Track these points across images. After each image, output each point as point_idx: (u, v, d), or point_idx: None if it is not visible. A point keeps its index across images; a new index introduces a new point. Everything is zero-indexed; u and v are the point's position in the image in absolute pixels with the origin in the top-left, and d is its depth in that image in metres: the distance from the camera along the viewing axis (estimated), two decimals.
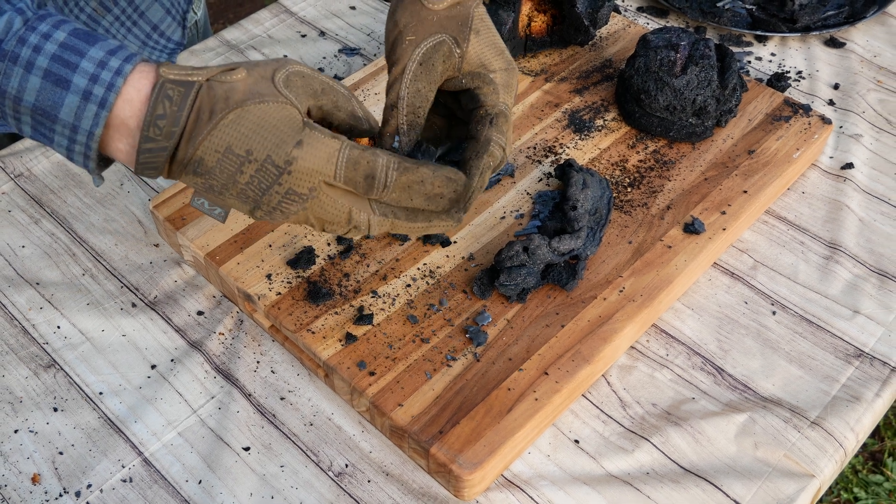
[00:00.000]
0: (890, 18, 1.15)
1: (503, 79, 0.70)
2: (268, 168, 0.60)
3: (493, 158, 0.68)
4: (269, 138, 0.60)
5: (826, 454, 0.72)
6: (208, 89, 0.61)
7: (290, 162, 0.60)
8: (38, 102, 0.60)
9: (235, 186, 0.61)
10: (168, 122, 0.60)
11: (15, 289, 0.85)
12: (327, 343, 0.75)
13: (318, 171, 0.61)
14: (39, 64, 0.59)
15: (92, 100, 0.59)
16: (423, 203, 0.64)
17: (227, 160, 0.60)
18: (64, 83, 0.59)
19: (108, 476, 0.72)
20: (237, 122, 0.60)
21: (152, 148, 0.60)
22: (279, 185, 0.61)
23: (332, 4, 1.18)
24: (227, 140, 0.60)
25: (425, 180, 0.63)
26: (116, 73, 0.60)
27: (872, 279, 0.85)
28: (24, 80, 0.59)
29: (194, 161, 0.61)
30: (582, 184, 0.83)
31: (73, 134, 0.61)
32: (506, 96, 0.70)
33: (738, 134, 0.93)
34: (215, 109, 0.60)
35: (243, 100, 0.60)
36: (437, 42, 0.68)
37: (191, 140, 0.60)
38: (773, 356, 0.79)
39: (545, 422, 0.73)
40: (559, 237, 0.78)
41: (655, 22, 1.14)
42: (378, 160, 0.62)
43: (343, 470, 0.72)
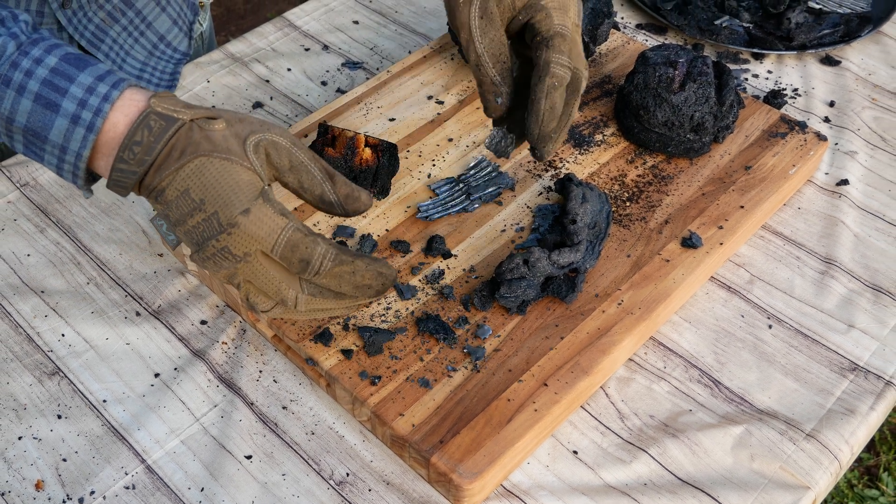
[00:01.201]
0: (884, 37, 1.17)
1: (556, 2, 0.72)
2: (212, 222, 0.64)
3: (557, 78, 0.70)
4: (222, 196, 0.64)
5: (821, 466, 0.73)
6: (188, 130, 0.64)
7: (232, 224, 0.64)
8: (29, 124, 0.63)
9: (185, 225, 0.65)
10: (142, 150, 0.63)
11: (20, 297, 0.85)
12: (329, 353, 0.76)
13: (257, 241, 0.64)
14: (31, 88, 0.62)
15: (80, 123, 0.63)
16: (351, 291, 0.68)
17: (183, 201, 0.64)
18: (54, 107, 0.62)
19: (111, 483, 0.73)
20: (200, 170, 0.64)
21: (124, 169, 0.64)
22: (217, 240, 0.64)
23: (336, 19, 1.20)
24: (187, 183, 0.64)
25: (356, 272, 0.67)
26: (104, 99, 0.63)
27: (867, 294, 0.86)
28: (16, 103, 0.62)
29: (158, 190, 0.65)
30: (581, 198, 0.84)
31: (63, 154, 0.64)
32: (562, 18, 0.72)
33: (735, 150, 0.95)
34: (186, 151, 0.64)
35: (211, 150, 0.64)
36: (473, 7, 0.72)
37: (158, 172, 0.64)
38: (769, 369, 0.80)
39: (544, 432, 0.74)
40: (559, 250, 0.79)
41: (654, 39, 1.16)
42: (317, 249, 0.65)
43: (344, 479, 0.73)
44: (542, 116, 0.71)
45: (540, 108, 0.71)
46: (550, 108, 0.71)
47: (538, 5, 0.73)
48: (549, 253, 0.79)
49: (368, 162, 0.85)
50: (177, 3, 1.05)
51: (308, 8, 1.21)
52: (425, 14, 1.21)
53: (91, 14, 0.96)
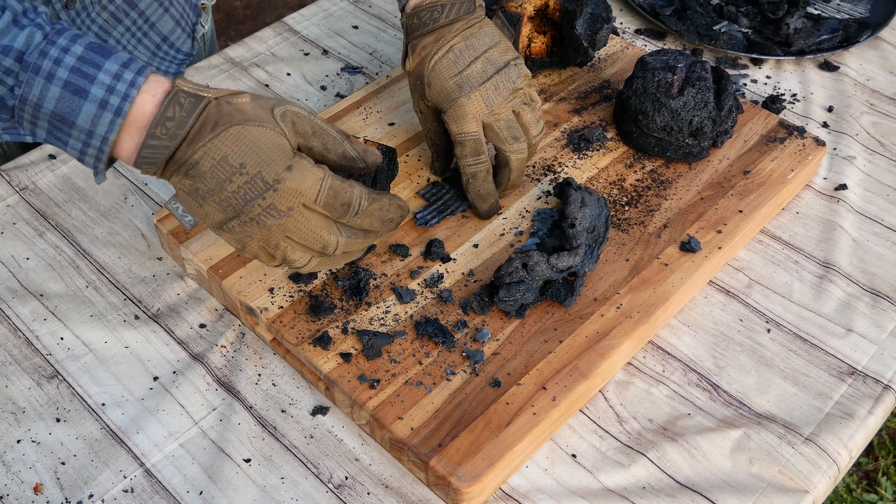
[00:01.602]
0: (882, 43, 1.17)
1: (449, 115, 0.84)
2: (256, 182, 0.67)
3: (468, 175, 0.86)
4: (263, 157, 0.67)
5: (820, 470, 0.73)
6: (216, 105, 0.67)
7: (278, 181, 0.67)
8: (56, 110, 0.65)
9: (221, 193, 0.67)
10: (175, 125, 0.66)
11: (19, 300, 0.86)
12: (328, 356, 0.76)
13: (301, 193, 0.67)
14: (59, 75, 0.64)
15: (108, 108, 0.65)
16: (379, 226, 0.73)
17: (221, 168, 0.67)
18: (82, 93, 0.65)
19: (109, 486, 0.72)
20: (237, 137, 0.67)
21: (156, 145, 0.66)
22: (262, 199, 0.67)
23: (335, 23, 1.20)
24: (225, 150, 0.66)
25: (383, 207, 0.72)
26: (131, 85, 0.65)
27: (865, 298, 0.86)
28: (44, 90, 0.64)
29: (189, 163, 0.67)
30: (580, 202, 0.84)
31: (88, 139, 0.66)
32: (457, 127, 0.84)
33: (734, 154, 0.95)
34: (219, 122, 0.67)
35: (246, 119, 0.67)
36: (416, 98, 0.87)
37: (191, 144, 0.66)
38: (768, 373, 0.80)
39: (543, 436, 0.74)
40: (557, 254, 0.79)
41: (653, 44, 1.16)
42: (354, 191, 0.70)
43: (343, 482, 0.73)
44: (473, 203, 0.87)
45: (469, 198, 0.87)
46: (476, 196, 0.87)
47: (443, 119, 0.85)
48: (548, 257, 0.79)
49: None
50: (179, 5, 1.06)
51: (307, 13, 1.22)
52: None
53: (94, 15, 0.97)
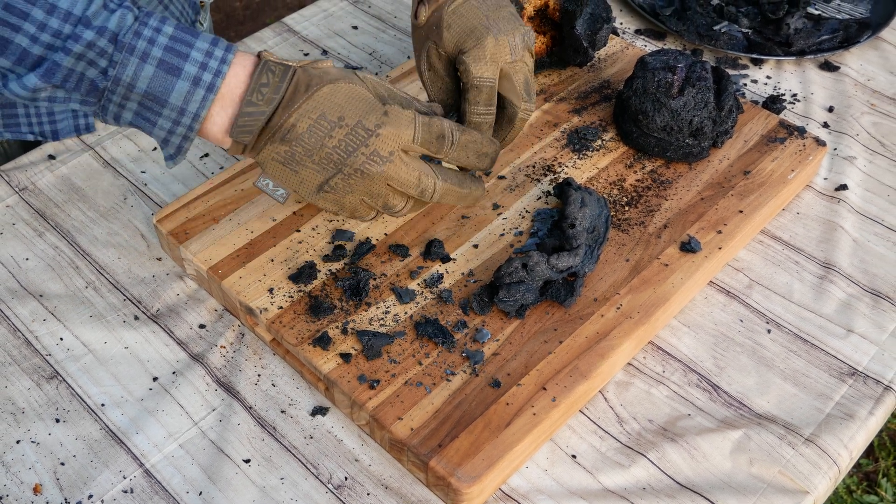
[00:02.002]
0: (883, 43, 1.17)
1: (473, 55, 0.80)
2: (358, 132, 0.70)
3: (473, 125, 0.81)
4: (361, 107, 0.71)
5: (820, 471, 0.73)
6: (304, 71, 0.71)
7: (379, 125, 0.70)
8: (149, 89, 0.67)
9: (321, 151, 0.70)
10: (270, 90, 0.69)
11: (18, 301, 0.85)
12: (328, 357, 0.76)
13: (400, 136, 0.71)
14: (154, 54, 0.66)
15: (201, 85, 0.68)
16: (475, 161, 0.76)
17: (319, 126, 0.70)
18: (176, 71, 0.67)
19: (109, 487, 0.72)
20: (331, 94, 0.70)
21: (252, 112, 0.69)
22: (366, 146, 0.70)
23: (335, 24, 1.20)
24: (322, 108, 0.70)
25: (477, 140, 0.76)
26: (222, 62, 0.68)
27: (866, 299, 0.86)
28: (139, 69, 0.66)
29: (286, 128, 0.70)
30: (580, 202, 0.84)
31: (179, 116, 0.68)
32: (481, 69, 0.80)
33: (734, 155, 0.95)
34: (311, 84, 0.70)
35: (336, 79, 0.71)
36: (427, 49, 0.83)
37: (287, 108, 0.69)
38: (768, 374, 0.80)
39: (543, 437, 0.74)
40: (557, 254, 0.79)
41: (653, 44, 1.16)
42: (444, 123, 0.74)
43: (342, 483, 0.73)
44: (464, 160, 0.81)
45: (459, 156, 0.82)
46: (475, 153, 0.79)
47: (460, 59, 0.81)
48: (548, 257, 0.79)
49: None
50: (179, 2, 1.06)
51: (307, 13, 1.22)
52: None
53: None
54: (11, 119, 0.97)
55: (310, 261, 0.83)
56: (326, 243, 0.85)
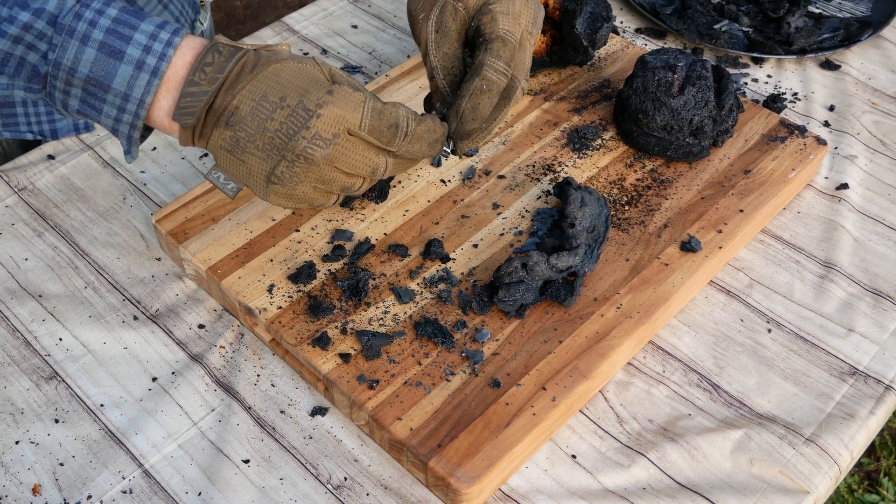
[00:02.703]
0: (884, 42, 1.17)
1: (503, 6, 0.74)
2: (298, 112, 0.65)
3: (486, 81, 0.72)
4: (303, 86, 0.65)
5: (821, 471, 0.73)
6: (255, 53, 0.67)
7: (320, 105, 0.65)
8: (91, 73, 0.64)
9: (264, 135, 0.65)
10: (214, 69, 0.65)
11: (18, 301, 0.85)
12: (327, 357, 0.76)
13: (345, 117, 0.65)
14: (95, 37, 0.63)
15: (144, 69, 0.64)
16: (427, 149, 0.70)
17: (261, 108, 0.65)
18: (118, 54, 0.64)
19: (108, 487, 0.72)
20: (276, 74, 0.65)
21: (194, 92, 0.65)
22: (307, 128, 0.64)
23: (334, 23, 1.20)
24: (264, 89, 0.65)
25: (430, 128, 0.69)
26: (167, 45, 0.65)
27: (867, 298, 0.86)
28: (79, 53, 0.63)
29: (229, 110, 0.65)
30: (580, 202, 0.84)
31: (124, 103, 0.65)
32: (509, 24, 0.73)
33: (735, 154, 0.95)
34: (258, 64, 0.66)
35: (284, 59, 0.67)
36: (441, 7, 0.75)
37: (231, 88, 0.65)
38: (769, 373, 0.80)
39: (543, 437, 0.74)
40: (557, 254, 0.79)
41: (653, 43, 1.16)
42: (399, 111, 0.67)
43: (342, 483, 0.73)
44: (460, 113, 0.72)
45: (460, 105, 0.72)
46: (472, 107, 0.72)
47: (486, 8, 0.74)
48: (548, 257, 0.78)
49: None
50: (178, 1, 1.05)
51: (307, 12, 1.21)
52: None
53: None
54: (10, 118, 0.97)
55: (309, 261, 0.83)
56: (326, 243, 0.85)
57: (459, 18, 0.75)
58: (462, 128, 0.73)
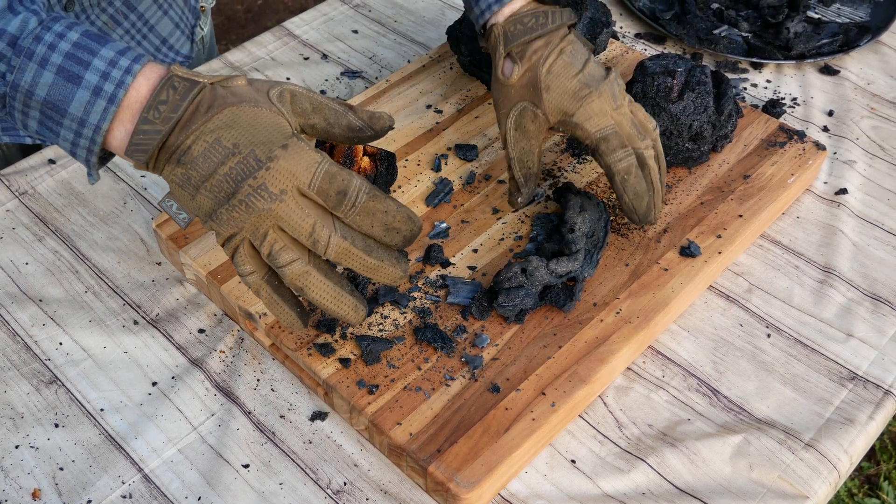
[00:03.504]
0: (883, 47, 1.17)
1: (583, 115, 0.80)
2: (248, 161, 0.63)
3: (621, 174, 0.81)
4: (258, 136, 0.64)
5: (820, 476, 0.73)
6: (211, 89, 0.65)
7: (271, 159, 0.63)
8: (48, 97, 0.63)
9: (214, 177, 0.64)
10: (168, 108, 0.64)
11: (18, 305, 0.85)
12: (327, 362, 0.76)
13: (296, 175, 0.63)
14: (53, 61, 0.63)
15: (102, 95, 0.63)
16: (381, 232, 0.66)
17: (214, 151, 0.64)
18: (76, 79, 0.63)
19: (108, 492, 0.72)
20: (231, 118, 0.64)
21: (148, 130, 0.64)
22: (254, 178, 0.63)
23: (335, 28, 1.20)
24: (218, 133, 0.64)
25: (388, 211, 0.65)
26: (126, 72, 0.64)
27: (866, 303, 0.86)
28: (37, 76, 0.63)
29: (182, 149, 0.64)
30: (579, 207, 0.84)
31: (80, 128, 0.64)
32: (595, 124, 0.80)
33: (734, 159, 0.95)
34: (213, 105, 0.64)
35: (240, 101, 0.65)
36: (520, 109, 0.82)
37: (185, 128, 0.64)
38: (768, 378, 0.80)
39: (542, 441, 0.74)
40: (557, 259, 0.79)
41: (653, 48, 1.16)
42: (353, 181, 0.64)
43: (341, 488, 0.73)
44: (631, 206, 0.82)
45: (625, 201, 0.82)
46: (634, 195, 0.81)
47: (571, 122, 0.80)
48: (548, 262, 0.79)
49: (366, 171, 0.85)
50: (178, 7, 1.06)
51: (307, 17, 1.22)
52: (424, 23, 1.21)
53: (94, 17, 0.97)
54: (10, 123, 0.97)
55: None
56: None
57: (539, 122, 0.82)
58: (639, 212, 0.83)
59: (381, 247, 0.67)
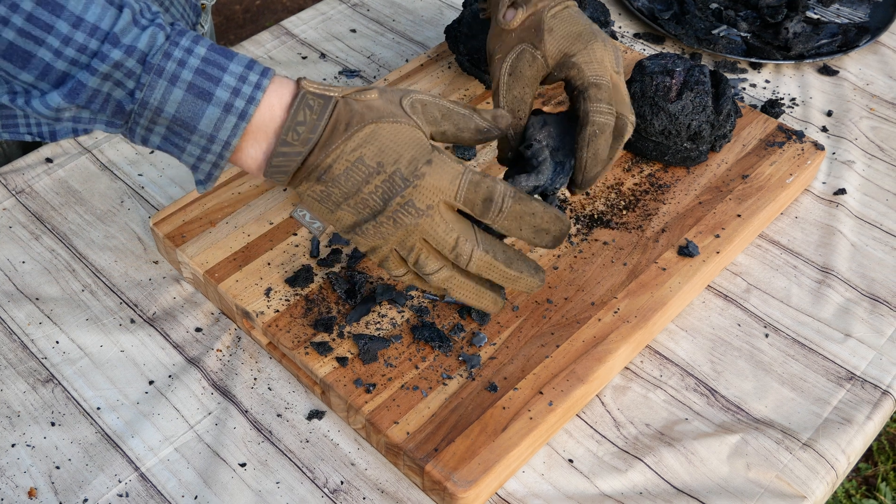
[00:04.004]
0: (882, 47, 1.17)
1: (585, 57, 0.76)
2: (395, 180, 0.64)
3: (598, 126, 0.74)
4: (401, 153, 0.64)
5: (817, 476, 0.73)
6: (345, 104, 0.65)
7: (418, 176, 0.64)
8: (178, 114, 0.62)
9: (358, 195, 0.64)
10: (307, 129, 0.63)
11: (15, 304, 0.85)
12: (324, 360, 0.76)
13: (441, 189, 0.64)
14: (184, 77, 0.62)
15: (233, 112, 0.63)
16: (531, 235, 0.66)
17: (356, 170, 0.64)
18: (206, 96, 0.62)
19: (104, 491, 0.72)
20: (372, 136, 0.64)
21: (287, 152, 0.64)
22: (402, 196, 0.64)
23: (333, 27, 1.20)
24: (360, 151, 0.64)
25: (536, 213, 0.66)
26: (256, 87, 0.63)
27: (864, 303, 0.86)
28: (167, 93, 0.62)
29: (322, 168, 0.64)
30: (541, 123, 0.78)
31: (209, 144, 0.64)
32: (596, 69, 0.76)
33: (733, 159, 0.95)
34: (351, 122, 0.64)
35: (379, 117, 0.65)
36: (518, 53, 0.77)
37: (324, 148, 0.64)
38: (766, 378, 0.80)
39: (539, 441, 0.74)
40: (515, 177, 0.73)
41: (652, 48, 1.16)
42: (497, 186, 0.65)
43: (338, 487, 0.73)
44: (584, 164, 0.75)
45: (582, 156, 0.75)
46: (593, 155, 0.75)
47: (569, 63, 0.76)
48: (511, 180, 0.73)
49: None
50: (180, 4, 1.06)
51: (305, 16, 1.22)
52: (422, 23, 1.21)
53: None
54: (10, 120, 0.97)
55: (306, 264, 0.83)
56: (323, 246, 0.85)
57: (537, 66, 0.77)
58: (588, 176, 0.76)
59: (520, 258, 0.67)
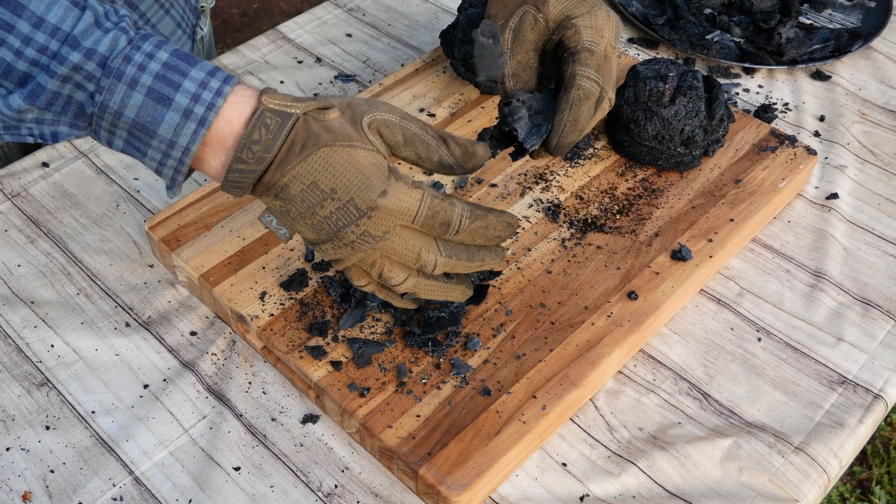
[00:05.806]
0: (874, 53, 1.17)
1: (586, 21, 0.75)
2: (349, 209, 0.64)
3: (583, 91, 0.73)
4: (355, 182, 0.63)
5: (810, 479, 0.73)
6: (304, 123, 0.64)
7: (372, 208, 0.64)
8: (137, 118, 0.62)
9: (313, 217, 0.65)
10: (261, 149, 0.63)
11: (9, 307, 0.85)
12: (318, 364, 0.76)
13: (398, 217, 0.65)
14: (143, 82, 0.61)
15: (192, 118, 0.62)
16: (483, 242, 0.69)
17: (311, 193, 0.64)
18: (166, 101, 0.62)
19: (98, 495, 0.72)
20: (326, 161, 0.63)
21: (242, 169, 0.63)
22: (356, 226, 0.64)
23: (329, 31, 1.20)
24: (314, 175, 0.63)
25: (490, 225, 0.68)
26: (217, 94, 0.62)
27: (856, 307, 0.86)
28: (126, 97, 0.62)
29: (279, 186, 0.64)
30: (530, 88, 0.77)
31: (169, 149, 0.63)
32: (593, 35, 0.74)
33: (726, 163, 0.95)
34: (307, 144, 0.63)
35: (333, 140, 0.64)
36: (520, 15, 0.75)
37: (279, 167, 0.63)
38: (759, 382, 0.80)
39: (533, 445, 0.74)
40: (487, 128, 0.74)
41: (645, 53, 1.16)
42: (454, 210, 0.66)
43: (332, 491, 0.73)
44: (563, 127, 0.73)
45: (562, 118, 0.73)
46: (573, 119, 0.73)
47: (568, 23, 0.75)
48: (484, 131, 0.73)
49: None
50: (180, 6, 1.06)
51: (301, 21, 1.22)
52: (418, 27, 1.21)
53: None
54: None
55: (301, 268, 0.83)
56: None
57: (539, 29, 0.76)
58: (564, 140, 0.74)
59: (480, 248, 0.70)
